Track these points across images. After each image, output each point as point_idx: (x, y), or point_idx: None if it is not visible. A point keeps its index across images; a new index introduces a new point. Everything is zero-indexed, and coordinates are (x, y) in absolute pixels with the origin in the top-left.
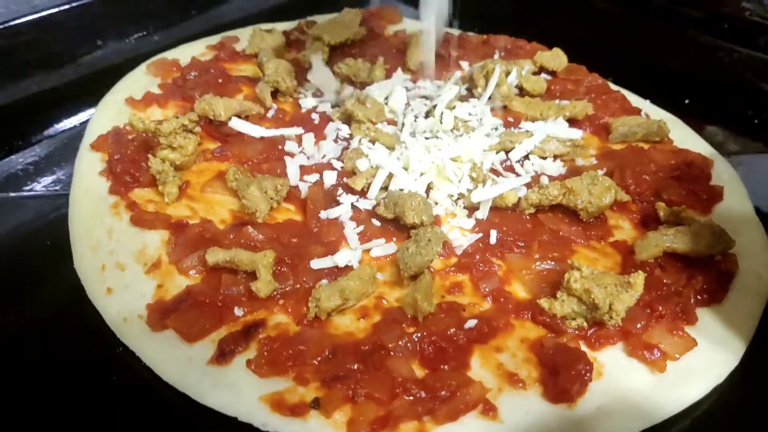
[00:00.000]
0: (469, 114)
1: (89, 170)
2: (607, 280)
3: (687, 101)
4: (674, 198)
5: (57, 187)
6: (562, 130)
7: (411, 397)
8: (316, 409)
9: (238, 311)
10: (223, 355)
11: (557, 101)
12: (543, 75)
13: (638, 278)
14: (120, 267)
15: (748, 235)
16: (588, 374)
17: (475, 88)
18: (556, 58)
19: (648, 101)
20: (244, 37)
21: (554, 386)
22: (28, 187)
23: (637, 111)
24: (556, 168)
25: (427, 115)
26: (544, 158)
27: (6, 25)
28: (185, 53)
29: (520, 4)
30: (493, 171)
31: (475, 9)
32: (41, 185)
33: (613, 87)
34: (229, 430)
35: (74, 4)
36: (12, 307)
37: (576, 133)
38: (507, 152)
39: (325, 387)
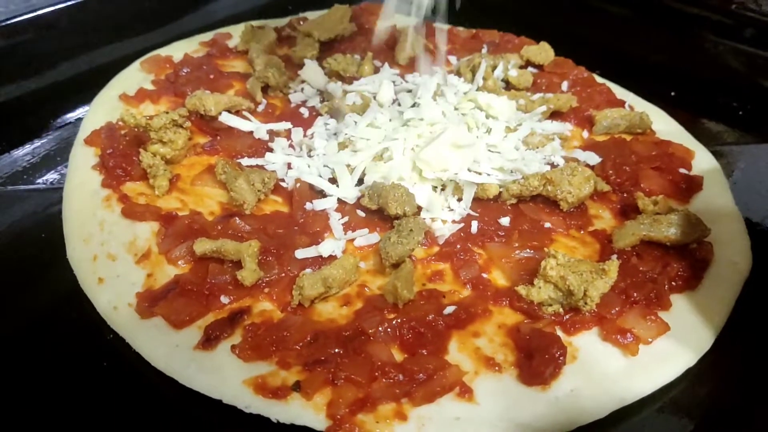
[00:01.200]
0: (455, 108)
1: (83, 164)
2: (583, 267)
3: (673, 93)
4: (654, 188)
5: (53, 181)
6: (545, 124)
7: (389, 380)
8: (298, 391)
9: (224, 299)
10: (209, 340)
11: (542, 94)
12: (530, 69)
13: (612, 266)
14: (111, 257)
15: (726, 224)
16: (561, 358)
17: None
18: (542, 51)
19: (632, 94)
20: (236, 33)
21: (529, 369)
22: (25, 182)
23: (621, 103)
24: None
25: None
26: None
27: (3, 24)
28: (178, 50)
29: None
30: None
31: (465, 3)
32: (39, 180)
33: (599, 80)
34: (215, 412)
35: (70, 3)
36: (7, 298)
37: (558, 127)
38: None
39: (307, 371)
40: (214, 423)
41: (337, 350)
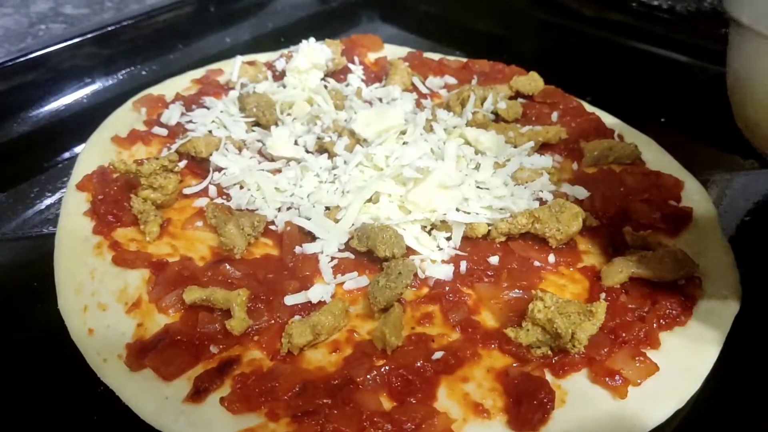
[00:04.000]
0: (439, 147)
1: (74, 210)
2: (570, 308)
3: (663, 120)
4: (643, 221)
5: (46, 226)
6: (534, 159)
7: (378, 430)
8: None
9: (213, 348)
10: (198, 393)
11: (532, 126)
12: (519, 99)
13: (600, 307)
14: (102, 307)
15: (715, 256)
16: (550, 403)
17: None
18: (531, 81)
19: (622, 122)
20: (228, 69)
21: (517, 415)
22: (17, 226)
23: (611, 133)
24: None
25: None
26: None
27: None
28: (170, 88)
29: (501, 28)
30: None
31: (456, 33)
32: (31, 223)
33: (589, 108)
34: None
35: (63, 45)
36: None
37: (546, 161)
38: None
39: (296, 422)
40: None
41: (325, 401)
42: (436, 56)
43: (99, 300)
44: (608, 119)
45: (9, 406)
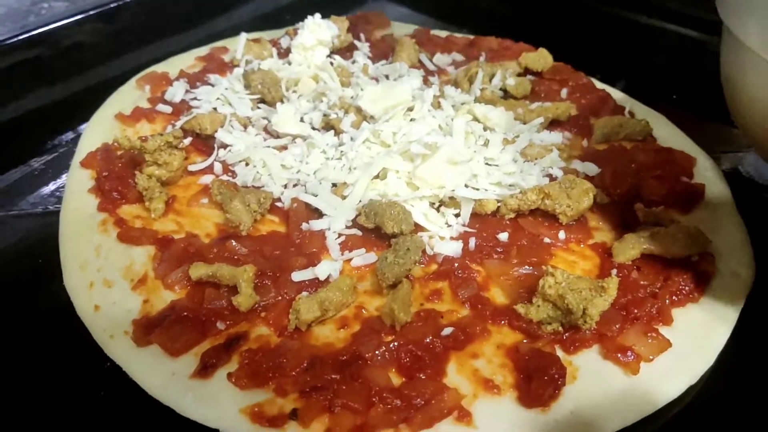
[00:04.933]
0: (447, 123)
1: (79, 188)
2: (582, 285)
3: (675, 96)
4: (655, 198)
5: (51, 203)
6: (544, 135)
7: (387, 406)
8: (295, 419)
9: (220, 324)
10: (205, 368)
11: (541, 103)
12: (528, 76)
13: (612, 283)
14: (107, 284)
15: (728, 233)
16: (561, 379)
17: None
18: (540, 58)
19: (633, 99)
20: (233, 47)
21: (528, 391)
22: (23, 205)
23: (621, 110)
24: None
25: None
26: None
27: (0, 45)
28: (174, 66)
29: (510, 4)
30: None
31: (464, 10)
32: (36, 202)
33: (599, 85)
34: None
35: (66, 22)
36: (3, 325)
37: (556, 138)
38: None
39: (304, 398)
40: None
41: (334, 376)
42: (443, 33)
43: (105, 276)
44: (618, 96)
45: (17, 383)
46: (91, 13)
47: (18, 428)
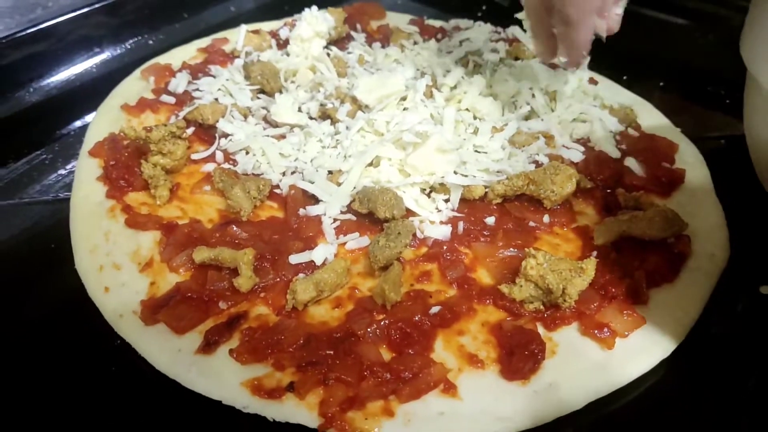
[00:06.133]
0: (438, 113)
1: (87, 176)
2: (562, 266)
3: (662, 83)
4: (636, 183)
5: (61, 190)
6: (531, 123)
7: (378, 379)
8: (292, 392)
9: (222, 305)
10: (208, 345)
11: None
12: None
13: (590, 264)
14: (116, 267)
15: (705, 216)
16: (540, 354)
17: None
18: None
19: (619, 85)
20: (233, 38)
21: (510, 365)
22: (34, 192)
23: None
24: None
25: None
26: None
27: (7, 38)
28: (177, 57)
29: None
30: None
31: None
32: (46, 189)
33: (587, 72)
34: (215, 412)
35: (72, 15)
36: (19, 306)
37: (543, 125)
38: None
39: (300, 372)
40: (214, 422)
41: (328, 352)
42: (437, 23)
43: (113, 260)
44: (605, 82)
45: (33, 360)
46: (96, 6)
47: (35, 401)
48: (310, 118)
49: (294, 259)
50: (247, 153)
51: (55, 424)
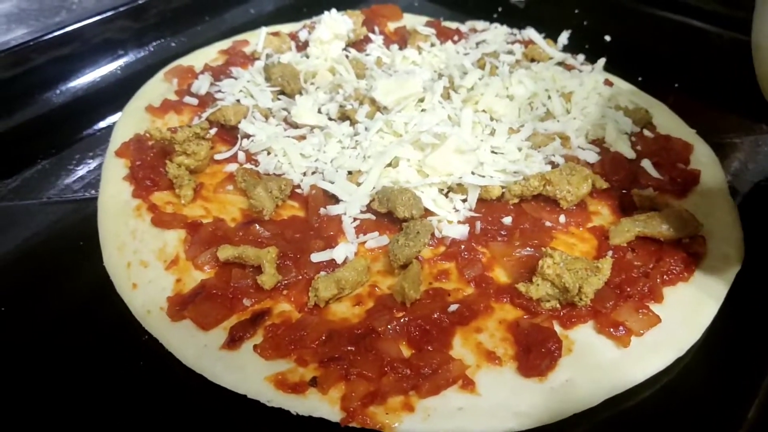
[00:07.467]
0: (455, 114)
1: (114, 176)
2: (578, 265)
3: (677, 85)
4: (651, 184)
5: (89, 189)
6: (547, 124)
7: (398, 375)
8: (314, 386)
9: (246, 302)
10: (233, 341)
11: None
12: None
13: (606, 263)
14: (143, 264)
15: (720, 216)
16: (557, 351)
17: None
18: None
19: (634, 87)
20: (253, 40)
21: (527, 362)
22: (63, 192)
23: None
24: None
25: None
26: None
27: (34, 41)
28: (199, 59)
29: None
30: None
31: (474, 1)
32: (71, 188)
33: (603, 75)
34: (240, 405)
35: (97, 19)
36: (49, 301)
37: (559, 126)
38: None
39: (323, 367)
40: (239, 416)
41: (350, 348)
42: (454, 24)
43: (141, 258)
44: (621, 84)
45: (64, 354)
46: (121, 9)
47: (66, 394)
48: (330, 119)
49: (315, 257)
50: (269, 153)
51: (85, 417)
